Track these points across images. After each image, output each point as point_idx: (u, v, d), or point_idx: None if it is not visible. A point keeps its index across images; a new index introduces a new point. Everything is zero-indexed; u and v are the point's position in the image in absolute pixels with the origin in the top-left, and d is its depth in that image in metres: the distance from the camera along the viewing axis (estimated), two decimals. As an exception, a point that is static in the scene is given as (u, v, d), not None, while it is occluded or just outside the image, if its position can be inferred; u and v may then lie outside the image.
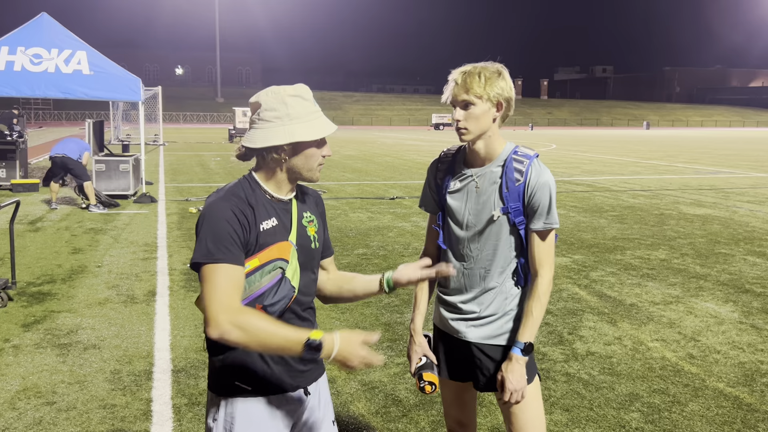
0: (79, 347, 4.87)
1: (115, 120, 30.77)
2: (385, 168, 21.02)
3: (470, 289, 2.33)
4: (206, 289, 1.77)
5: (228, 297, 1.75)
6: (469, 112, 2.19)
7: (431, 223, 2.46)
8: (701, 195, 14.68)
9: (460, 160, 2.37)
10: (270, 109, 1.89)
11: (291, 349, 1.72)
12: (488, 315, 2.31)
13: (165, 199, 13.05)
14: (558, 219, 2.29)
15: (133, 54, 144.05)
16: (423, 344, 2.43)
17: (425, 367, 2.38)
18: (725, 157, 28.55)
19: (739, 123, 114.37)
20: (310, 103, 1.92)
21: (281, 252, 1.89)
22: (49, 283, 6.66)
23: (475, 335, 2.33)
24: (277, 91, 1.90)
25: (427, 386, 2.33)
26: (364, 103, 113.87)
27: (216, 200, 1.86)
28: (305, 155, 1.91)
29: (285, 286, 1.89)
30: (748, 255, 8.25)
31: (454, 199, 2.33)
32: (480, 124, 2.20)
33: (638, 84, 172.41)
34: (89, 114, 66.91)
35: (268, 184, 1.94)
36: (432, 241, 2.47)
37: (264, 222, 1.88)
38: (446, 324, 2.41)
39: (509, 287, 2.31)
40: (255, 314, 1.76)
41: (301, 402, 2.01)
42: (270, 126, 1.88)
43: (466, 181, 2.31)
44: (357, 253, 8.14)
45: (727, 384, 4.30)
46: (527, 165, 2.23)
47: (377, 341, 2.28)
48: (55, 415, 3.80)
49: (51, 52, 11.55)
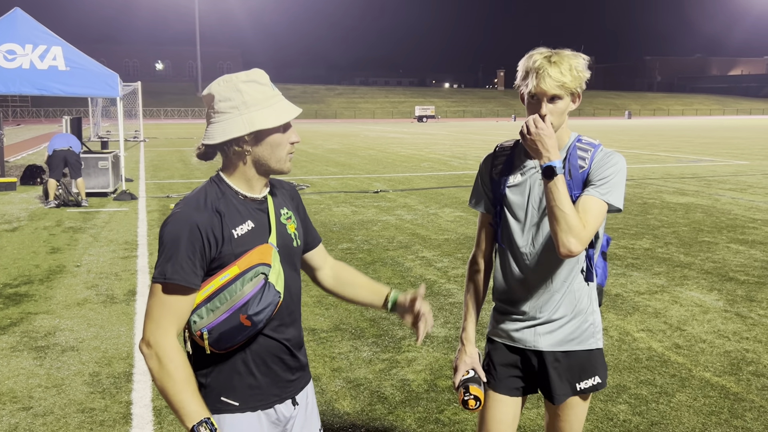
0: (56, 350, 4.76)
1: (95, 116, 30.35)
2: (368, 161, 20.92)
3: (536, 291, 2.14)
4: (150, 304, 1.73)
5: (166, 322, 1.71)
6: (556, 106, 2.02)
7: (485, 222, 2.27)
8: (683, 183, 14.75)
9: (520, 152, 2.18)
10: (224, 99, 1.76)
11: (180, 416, 1.68)
12: (558, 318, 2.14)
13: (145, 196, 12.88)
14: (622, 202, 2.04)
15: (112, 49, 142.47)
16: (474, 356, 2.25)
17: (473, 380, 2.20)
18: (706, 146, 28.77)
19: (719, 111, 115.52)
20: (268, 88, 1.79)
21: (262, 256, 1.77)
22: (26, 284, 6.52)
23: (547, 342, 2.15)
24: (229, 79, 1.78)
25: (472, 401, 2.16)
26: (347, 96, 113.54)
27: (178, 213, 1.74)
28: (270, 144, 1.77)
29: (270, 293, 1.76)
30: (731, 243, 8.28)
31: (514, 194, 2.15)
32: (562, 118, 2.06)
33: (619, 73, 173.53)
34: (68, 111, 65.98)
35: (237, 183, 1.81)
36: (488, 241, 2.29)
37: (238, 227, 1.76)
38: (507, 334, 2.21)
39: (578, 285, 2.14)
40: (180, 361, 1.69)
41: (289, 413, 1.92)
42: (227, 118, 1.76)
43: (529, 173, 2.13)
44: (341, 248, 8.06)
45: (713, 373, 4.29)
46: (592, 153, 2.09)
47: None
48: (32, 420, 3.70)
49: (25, 47, 11.32)
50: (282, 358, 1.87)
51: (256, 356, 1.83)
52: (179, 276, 1.68)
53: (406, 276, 6.74)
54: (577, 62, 2.02)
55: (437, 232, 9.13)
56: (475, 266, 2.33)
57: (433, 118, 74.32)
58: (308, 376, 2.00)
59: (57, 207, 11.37)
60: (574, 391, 2.18)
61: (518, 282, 2.17)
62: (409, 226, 9.59)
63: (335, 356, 4.60)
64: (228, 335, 1.74)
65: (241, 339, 1.77)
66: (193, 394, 1.69)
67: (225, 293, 1.73)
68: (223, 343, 1.75)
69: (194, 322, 1.75)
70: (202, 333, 1.74)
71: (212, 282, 1.74)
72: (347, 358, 4.58)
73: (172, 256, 1.69)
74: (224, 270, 1.74)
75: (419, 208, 11.20)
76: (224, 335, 1.74)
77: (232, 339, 1.75)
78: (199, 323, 1.74)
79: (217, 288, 1.73)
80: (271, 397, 1.86)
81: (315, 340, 4.88)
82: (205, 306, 1.74)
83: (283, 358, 1.87)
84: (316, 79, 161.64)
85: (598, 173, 2.05)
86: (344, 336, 5.01)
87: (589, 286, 2.16)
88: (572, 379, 2.17)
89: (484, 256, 2.31)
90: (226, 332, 1.74)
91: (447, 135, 40.80)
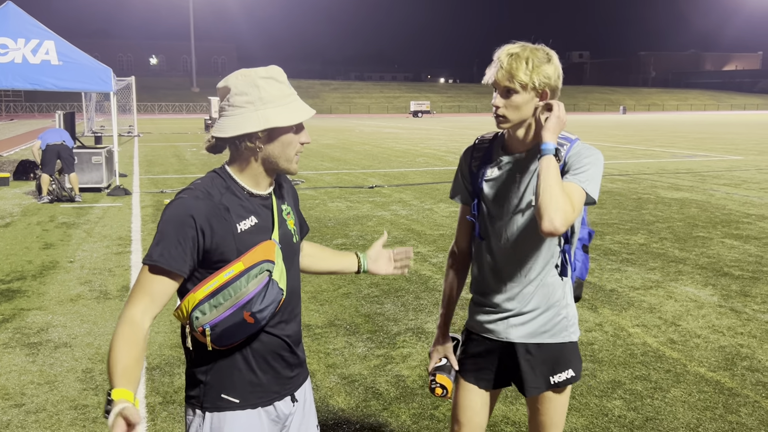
0: (49, 346, 4.73)
1: (88, 111, 30.20)
2: (363, 156, 20.88)
3: (509, 283, 2.16)
4: (135, 284, 1.73)
5: (139, 300, 1.70)
6: (511, 100, 2.02)
7: (464, 215, 2.29)
8: (678, 179, 14.78)
9: (498, 146, 2.19)
10: (240, 93, 1.73)
11: (110, 381, 1.62)
12: (530, 310, 2.15)
13: (139, 192, 12.82)
14: (597, 194, 2.02)
15: (105, 44, 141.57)
16: (447, 345, 2.30)
17: (442, 369, 2.25)
18: (701, 141, 28.83)
19: (714, 106, 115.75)
20: (285, 86, 1.77)
21: (266, 253, 1.76)
22: (19, 280, 6.48)
23: (518, 334, 2.17)
24: (248, 73, 1.75)
25: (438, 389, 2.21)
26: (342, 91, 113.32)
27: (181, 199, 1.72)
28: (282, 143, 1.76)
29: (273, 290, 1.75)
30: (725, 238, 8.29)
31: (491, 187, 2.16)
32: (520, 113, 2.04)
33: (614, 69, 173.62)
34: (62, 105, 65.65)
35: (243, 178, 1.80)
36: (465, 233, 2.31)
37: (241, 222, 1.75)
38: (481, 326, 2.24)
39: (552, 279, 2.15)
40: (129, 336, 1.65)
41: (288, 410, 1.92)
42: (241, 112, 1.73)
43: (506, 167, 2.15)
44: (336, 244, 8.04)
45: (708, 369, 4.29)
46: (568, 147, 2.09)
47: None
48: (24, 417, 3.67)
49: (18, 42, 11.22)
50: (282, 355, 1.87)
51: (257, 353, 1.82)
52: (164, 260, 1.68)
53: (401, 271, 6.72)
54: (538, 59, 2.00)
55: (432, 227, 9.11)
56: (454, 257, 2.37)
57: (429, 114, 74.15)
58: (306, 373, 2.01)
59: (50, 202, 11.31)
60: (548, 385, 2.20)
61: (493, 274, 2.19)
62: (404, 221, 9.58)
63: (330, 352, 4.59)
64: (230, 332, 1.73)
65: (243, 336, 1.76)
66: (126, 368, 1.61)
67: (229, 289, 1.72)
68: (225, 339, 1.74)
69: (197, 318, 1.72)
70: (204, 329, 1.72)
71: (216, 278, 1.72)
72: (342, 354, 4.56)
73: (161, 240, 1.70)
74: (228, 266, 1.72)
75: (414, 204, 11.18)
76: (227, 332, 1.73)
77: (234, 336, 1.74)
78: (202, 319, 1.72)
79: (222, 284, 1.72)
80: (271, 395, 1.86)
81: (310, 336, 4.86)
82: (209, 302, 1.72)
83: (283, 355, 1.87)
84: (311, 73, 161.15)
85: (575, 164, 2.05)
86: (339, 332, 5.00)
87: (564, 281, 2.18)
88: (546, 373, 2.19)
89: (462, 248, 2.33)
90: (229, 329, 1.72)
91: (442, 130, 40.78)
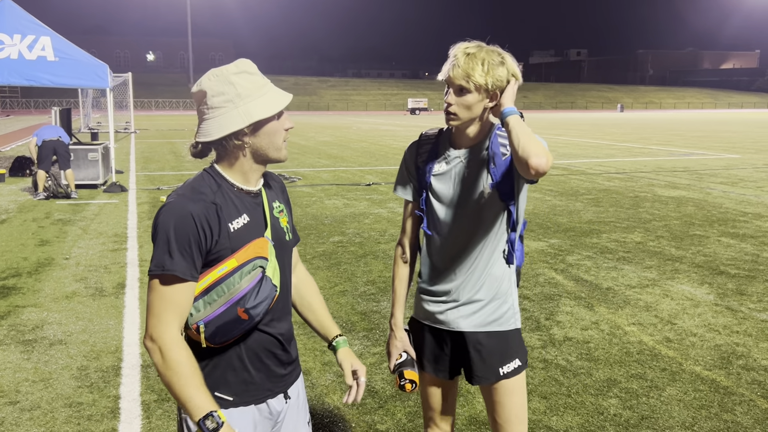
0: (44, 343, 4.71)
1: (85, 108, 30.12)
2: (360, 154, 20.87)
3: (459, 273, 2.20)
4: (150, 298, 1.70)
5: (168, 315, 1.68)
6: (463, 99, 2.06)
7: (412, 210, 2.32)
8: (675, 177, 14.79)
9: (444, 141, 2.23)
10: (217, 93, 1.72)
11: (187, 410, 1.65)
12: (479, 299, 2.20)
13: (136, 188, 12.80)
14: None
15: (102, 40, 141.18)
16: (404, 339, 2.33)
17: (406, 364, 2.28)
18: (698, 139, 28.85)
19: (711, 105, 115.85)
20: (258, 77, 1.76)
21: (259, 250, 1.76)
22: (14, 276, 6.46)
23: (468, 324, 2.21)
24: (219, 73, 1.74)
25: (408, 384, 2.24)
26: (340, 88, 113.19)
27: (172, 203, 1.71)
28: (267, 133, 1.75)
29: (266, 286, 1.76)
30: (722, 236, 8.30)
31: (440, 182, 2.20)
32: (471, 112, 2.08)
33: (612, 67, 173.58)
34: (59, 101, 65.47)
35: (233, 176, 1.79)
36: (414, 228, 2.33)
37: (234, 221, 1.74)
38: (432, 317, 2.28)
39: (499, 267, 2.20)
40: (183, 354, 1.67)
41: (281, 407, 1.92)
42: (222, 112, 1.72)
43: (453, 162, 2.18)
44: (333, 241, 8.03)
45: (703, 367, 4.29)
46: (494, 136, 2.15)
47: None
48: (18, 415, 3.66)
49: (13, 38, 11.18)
50: (275, 353, 1.87)
51: (250, 351, 1.82)
52: (177, 267, 1.66)
53: (398, 269, 6.71)
54: (493, 61, 2.02)
55: (429, 225, 9.09)
56: (402, 252, 2.39)
57: (426, 111, 74.08)
58: (299, 370, 2.01)
59: (46, 199, 11.28)
60: (497, 377, 2.23)
61: (443, 266, 2.23)
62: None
63: (325, 350, 4.58)
64: (225, 329, 1.73)
65: (237, 333, 1.76)
66: (198, 387, 1.66)
67: (223, 286, 1.72)
68: (219, 336, 1.74)
69: (190, 315, 1.73)
70: (198, 326, 1.72)
71: (210, 275, 1.72)
72: (338, 352, 4.55)
73: (168, 248, 1.67)
74: (222, 263, 1.72)
75: (411, 201, 11.16)
76: (221, 329, 1.73)
77: (228, 333, 1.74)
78: (196, 316, 1.73)
79: (215, 280, 1.72)
80: (264, 392, 1.86)
81: (305, 334, 4.86)
82: (202, 299, 1.72)
83: (275, 352, 1.87)
84: (309, 70, 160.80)
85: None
86: (335, 329, 4.98)
87: (510, 269, 2.23)
88: (494, 364, 2.23)
89: (410, 243, 2.37)
90: (223, 326, 1.72)
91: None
